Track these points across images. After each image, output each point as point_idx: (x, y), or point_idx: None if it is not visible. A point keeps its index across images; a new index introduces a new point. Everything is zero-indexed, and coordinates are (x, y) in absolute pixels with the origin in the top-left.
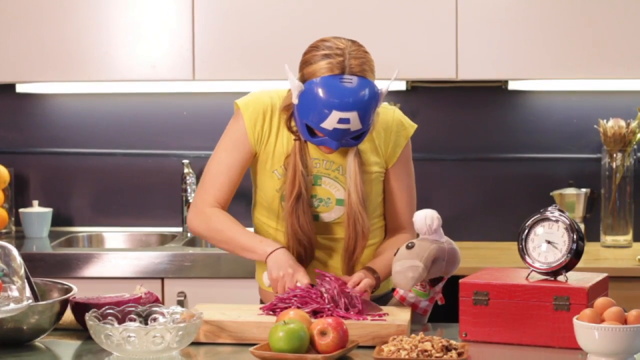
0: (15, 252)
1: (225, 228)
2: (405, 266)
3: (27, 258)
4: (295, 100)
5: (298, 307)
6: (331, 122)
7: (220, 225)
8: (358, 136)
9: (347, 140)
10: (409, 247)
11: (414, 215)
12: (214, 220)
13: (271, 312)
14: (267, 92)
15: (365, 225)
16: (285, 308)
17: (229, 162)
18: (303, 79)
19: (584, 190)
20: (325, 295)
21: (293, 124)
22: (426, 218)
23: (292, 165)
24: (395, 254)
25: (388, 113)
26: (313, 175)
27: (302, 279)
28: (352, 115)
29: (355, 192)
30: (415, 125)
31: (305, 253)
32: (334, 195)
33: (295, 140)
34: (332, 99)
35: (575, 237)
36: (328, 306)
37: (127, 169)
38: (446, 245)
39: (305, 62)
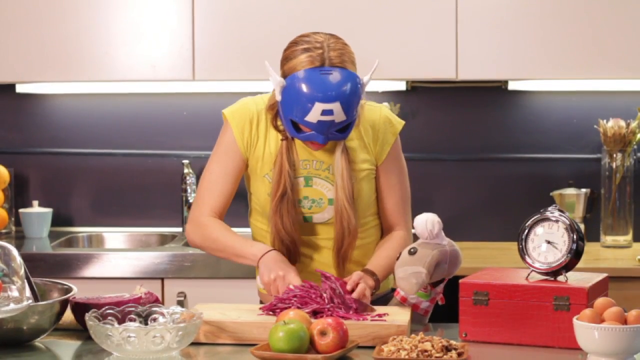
0: (15, 252)
1: (219, 236)
2: (408, 272)
3: (27, 258)
4: (278, 97)
5: (298, 308)
6: (315, 114)
7: (215, 234)
8: (344, 128)
9: (333, 134)
10: (411, 253)
11: (415, 219)
12: (209, 229)
13: (271, 313)
14: (252, 99)
15: (352, 222)
16: (285, 308)
17: (222, 171)
18: (284, 75)
19: (584, 190)
20: (325, 295)
21: (279, 122)
22: (427, 223)
23: (278, 165)
24: (397, 259)
25: (375, 111)
26: (304, 176)
27: (293, 280)
28: (335, 106)
29: (342, 188)
30: (403, 122)
31: (288, 253)
32: (325, 196)
33: (282, 140)
34: (314, 91)
35: (575, 237)
36: (328, 306)
37: (127, 169)
38: (448, 248)
39: (285, 58)
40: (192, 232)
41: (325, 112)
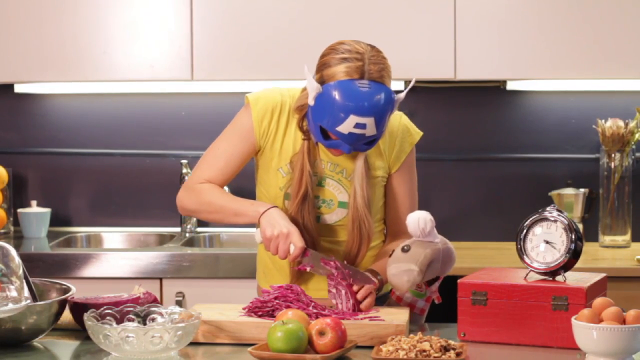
0: (13, 252)
1: (215, 199)
2: (400, 269)
3: (26, 258)
4: (311, 102)
5: (277, 309)
6: (347, 126)
7: (210, 196)
8: (371, 142)
9: (360, 145)
10: (404, 251)
11: (407, 217)
12: (203, 193)
13: (252, 314)
14: (278, 89)
15: (371, 228)
16: (268, 310)
17: (230, 150)
18: (321, 81)
19: (582, 190)
20: (302, 296)
21: (305, 123)
22: (419, 221)
23: (299, 165)
24: (390, 256)
25: (395, 118)
26: (319, 176)
27: (296, 241)
28: (369, 121)
29: (361, 195)
30: (421, 133)
31: None
32: (336, 198)
33: (303, 139)
34: (351, 103)
35: (573, 237)
36: (311, 308)
37: (125, 169)
38: (440, 246)
39: (323, 64)
40: (185, 197)
41: (358, 126)
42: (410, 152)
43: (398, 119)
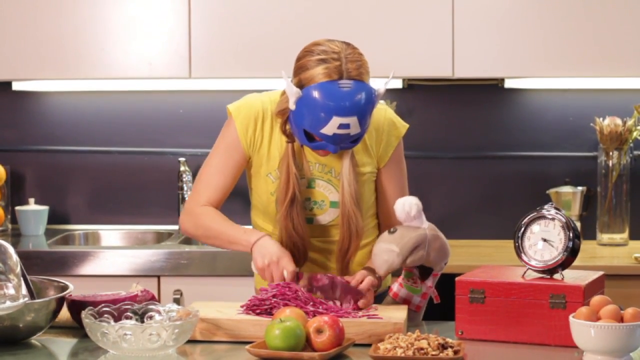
0: (11, 249)
1: (213, 224)
2: (381, 249)
3: (23, 256)
4: (292, 106)
5: (275, 307)
6: (331, 127)
7: (209, 221)
8: (356, 139)
9: (345, 144)
10: (390, 232)
11: (395, 202)
12: (203, 217)
13: (250, 312)
14: (258, 96)
15: (359, 225)
16: (266, 308)
17: (222, 166)
18: (299, 85)
19: (580, 188)
20: (300, 293)
21: (288, 127)
22: (404, 205)
23: (285, 169)
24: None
25: (380, 113)
26: (308, 178)
27: (287, 265)
28: (352, 120)
29: (349, 192)
30: (407, 125)
31: (298, 254)
32: (328, 198)
33: (287, 142)
34: (332, 105)
35: (571, 235)
36: (309, 306)
37: (123, 166)
38: (428, 232)
39: (300, 67)
40: (186, 221)
41: (342, 126)
42: (397, 145)
43: (383, 114)
